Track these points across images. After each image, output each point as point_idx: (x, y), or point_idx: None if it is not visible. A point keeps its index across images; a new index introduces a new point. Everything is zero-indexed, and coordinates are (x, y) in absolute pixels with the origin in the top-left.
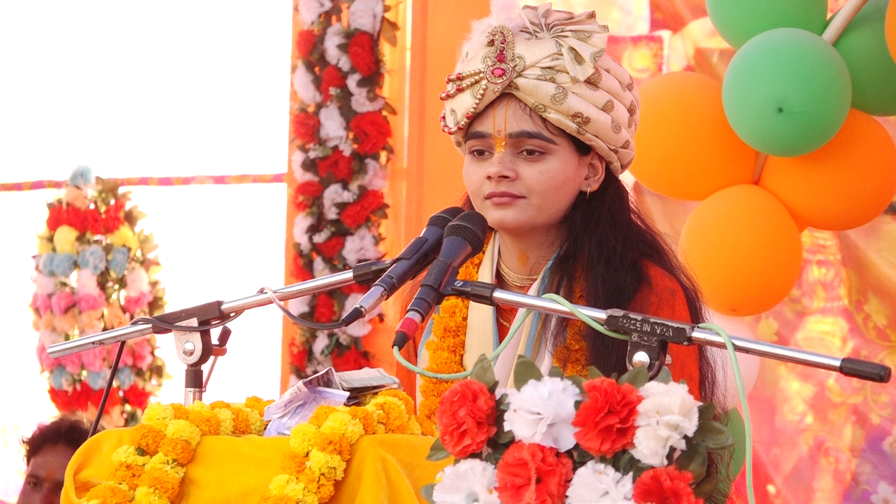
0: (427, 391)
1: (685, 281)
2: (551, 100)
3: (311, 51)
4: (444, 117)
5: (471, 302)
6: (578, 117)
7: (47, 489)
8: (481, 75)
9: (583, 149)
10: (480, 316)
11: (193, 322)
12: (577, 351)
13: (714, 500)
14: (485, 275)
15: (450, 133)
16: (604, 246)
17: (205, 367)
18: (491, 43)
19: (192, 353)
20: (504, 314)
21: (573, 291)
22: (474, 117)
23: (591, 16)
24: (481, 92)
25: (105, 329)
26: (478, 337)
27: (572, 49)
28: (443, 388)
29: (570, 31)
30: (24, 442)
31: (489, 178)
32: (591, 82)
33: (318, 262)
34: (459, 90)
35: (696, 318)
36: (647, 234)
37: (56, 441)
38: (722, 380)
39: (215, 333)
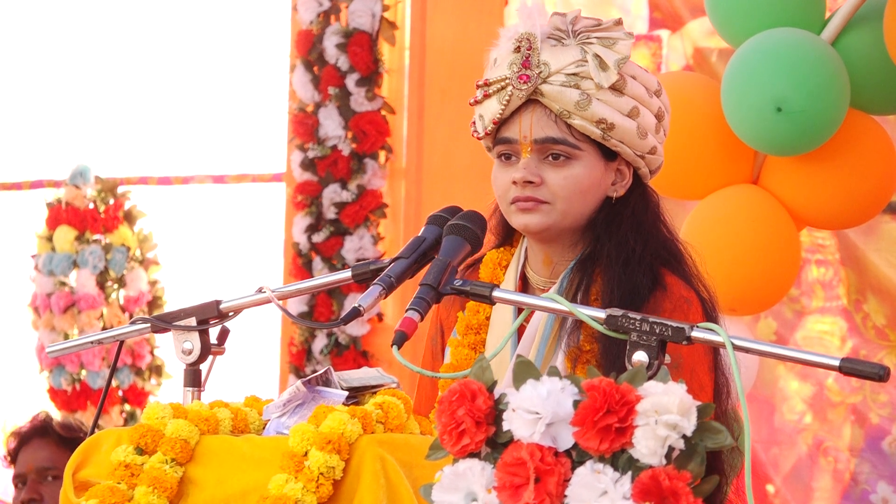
0: (447, 386)
1: (702, 291)
2: (576, 106)
3: (309, 50)
4: (473, 122)
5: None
6: (603, 123)
7: (31, 480)
8: (507, 81)
9: (609, 154)
10: (502, 315)
11: (192, 321)
12: (588, 352)
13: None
14: (510, 278)
15: (478, 139)
16: (623, 248)
17: (203, 367)
18: (517, 49)
19: (190, 353)
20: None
21: (590, 293)
22: (501, 123)
23: (618, 23)
24: (507, 98)
25: (104, 328)
26: (497, 335)
27: (597, 56)
28: None
29: (596, 37)
30: (5, 458)
31: (515, 183)
32: (616, 89)
33: (317, 262)
34: (486, 96)
35: None
36: (669, 241)
37: (29, 439)
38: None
39: (214, 333)
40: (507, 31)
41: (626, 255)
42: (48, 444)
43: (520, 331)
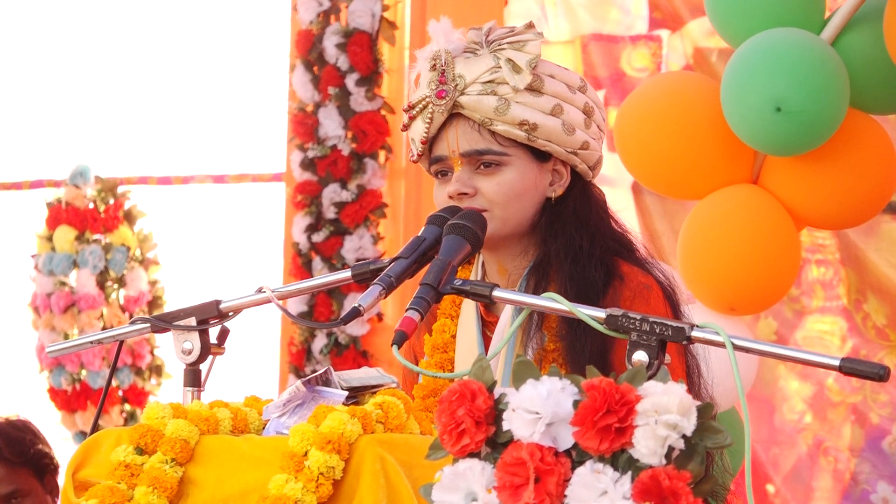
0: (417, 406)
1: (660, 277)
2: (495, 112)
3: (309, 50)
4: (411, 149)
5: (459, 319)
6: (525, 125)
7: None
8: (427, 100)
9: (541, 156)
10: (467, 331)
11: (192, 321)
12: (553, 351)
13: (716, 495)
14: None
15: (415, 162)
16: (570, 246)
17: (203, 367)
18: (433, 67)
19: (190, 353)
20: (489, 326)
21: None
22: (430, 142)
23: (530, 26)
24: (429, 117)
25: (104, 328)
26: (464, 350)
27: (509, 60)
28: None
29: (507, 43)
30: None
31: (451, 197)
32: (534, 89)
33: (317, 262)
34: (412, 118)
35: (675, 313)
36: (617, 232)
37: None
38: (720, 379)
39: (214, 333)
40: (423, 52)
41: (574, 252)
42: (0, 467)
43: (486, 343)
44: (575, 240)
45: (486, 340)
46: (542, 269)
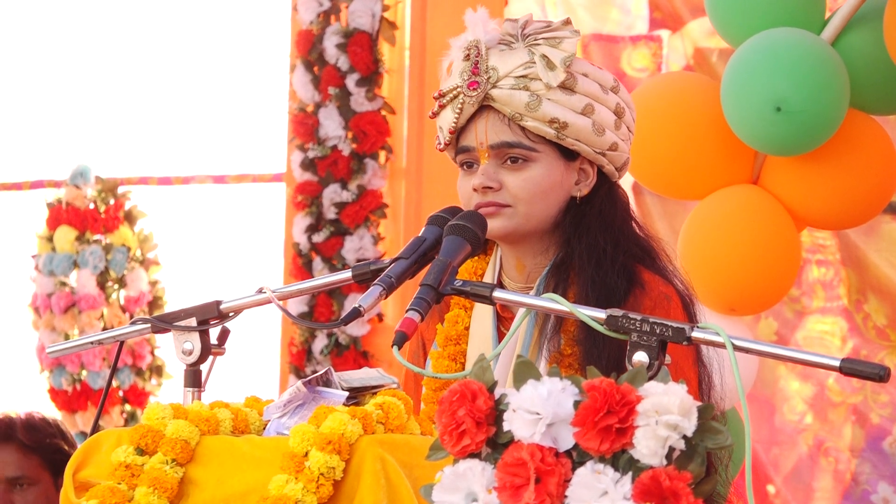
0: (428, 398)
1: (680, 286)
2: (526, 108)
3: (309, 50)
4: (437, 136)
5: (473, 312)
6: (555, 123)
7: (1, 490)
8: (459, 90)
9: (569, 154)
10: (481, 324)
11: (192, 322)
12: (570, 356)
13: (713, 502)
14: None
15: (441, 150)
16: (594, 249)
17: (204, 367)
18: (466, 57)
19: (190, 353)
20: (505, 322)
21: (567, 298)
22: (459, 132)
23: (567, 22)
24: (459, 106)
25: (105, 329)
26: (478, 344)
27: (544, 56)
28: None
29: (543, 38)
30: None
31: (475, 190)
32: (567, 87)
33: (317, 262)
34: (442, 107)
35: (692, 322)
36: (641, 238)
37: None
38: (719, 380)
39: (214, 333)
40: (457, 41)
41: (598, 256)
42: (13, 450)
43: (500, 339)
44: (599, 243)
45: (500, 337)
46: (562, 271)
